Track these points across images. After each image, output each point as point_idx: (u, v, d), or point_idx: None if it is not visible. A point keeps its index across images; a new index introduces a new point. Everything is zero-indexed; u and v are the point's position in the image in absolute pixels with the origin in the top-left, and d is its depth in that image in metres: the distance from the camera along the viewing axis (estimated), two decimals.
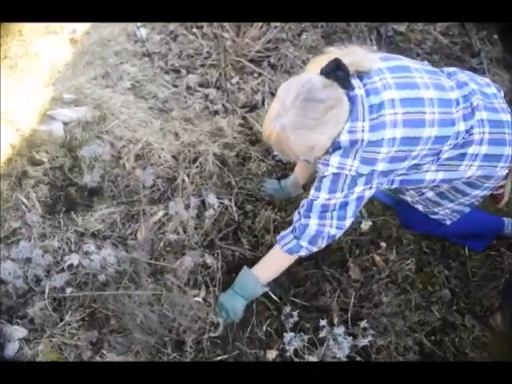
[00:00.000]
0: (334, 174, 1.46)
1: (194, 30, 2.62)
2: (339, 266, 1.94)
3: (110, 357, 1.50)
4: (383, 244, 2.03)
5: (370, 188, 1.52)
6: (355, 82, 1.45)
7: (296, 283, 1.84)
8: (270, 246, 1.90)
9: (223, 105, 2.27)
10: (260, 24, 2.59)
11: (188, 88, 2.37)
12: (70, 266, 1.74)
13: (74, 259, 1.75)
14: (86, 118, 2.07)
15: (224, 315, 1.70)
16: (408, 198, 1.88)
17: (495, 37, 3.02)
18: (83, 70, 2.33)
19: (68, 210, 1.88)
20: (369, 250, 2.00)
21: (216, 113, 2.27)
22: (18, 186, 1.88)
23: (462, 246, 2.08)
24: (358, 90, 1.44)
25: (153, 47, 2.53)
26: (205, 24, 2.62)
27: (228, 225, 1.96)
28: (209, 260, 1.85)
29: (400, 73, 1.50)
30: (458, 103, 1.54)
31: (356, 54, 1.47)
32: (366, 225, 2.05)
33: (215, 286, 1.77)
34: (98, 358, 1.53)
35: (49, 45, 2.45)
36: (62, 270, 1.73)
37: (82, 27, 2.56)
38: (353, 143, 1.41)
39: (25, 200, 1.85)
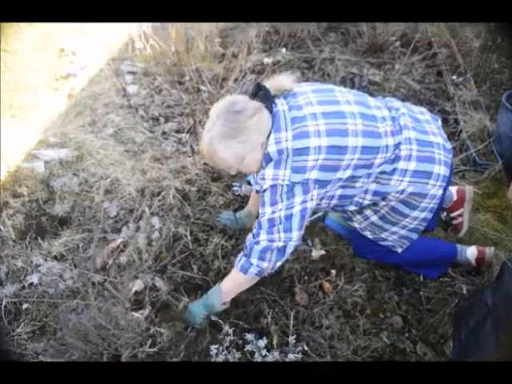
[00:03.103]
0: (271, 186, 1.57)
1: (177, 85, 2.90)
2: (285, 291, 1.99)
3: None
4: (333, 271, 2.07)
5: (312, 199, 1.60)
6: (279, 101, 1.63)
7: (238, 305, 1.90)
8: (219, 272, 2.02)
9: (191, 146, 2.48)
10: (235, 77, 2.84)
11: (163, 133, 2.61)
12: (31, 285, 1.91)
13: (35, 278, 1.93)
14: (66, 158, 2.33)
15: (187, 320, 1.81)
16: (356, 225, 1.95)
17: (471, 82, 3.13)
18: (73, 119, 2.64)
19: (37, 236, 2.08)
20: (318, 277, 2.05)
21: (184, 153, 2.47)
22: None
23: (417, 274, 2.08)
24: (281, 106, 1.61)
25: (138, 100, 2.82)
26: (186, 80, 2.91)
27: (182, 251, 2.09)
28: (158, 283, 1.96)
29: (322, 92, 1.67)
30: (384, 119, 1.67)
31: (277, 78, 1.67)
32: (316, 253, 2.11)
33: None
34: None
35: (49, 98, 2.80)
36: (23, 287, 1.90)
37: (79, 84, 2.91)
38: (280, 152, 1.54)
39: (1, 226, 2.08)
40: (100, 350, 1.69)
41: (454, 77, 3.18)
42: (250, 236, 1.68)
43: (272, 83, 1.65)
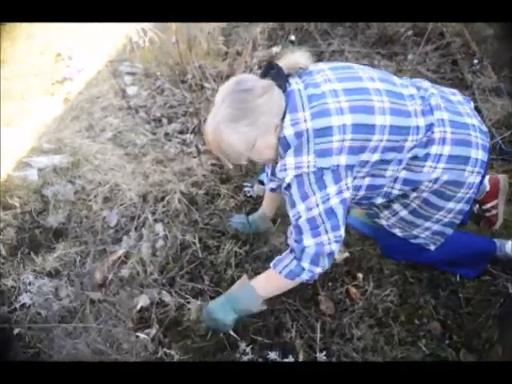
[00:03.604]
0: (295, 176, 1.37)
1: (180, 84, 2.72)
2: (308, 300, 1.78)
3: None
4: (360, 275, 1.86)
5: (347, 189, 1.40)
6: (294, 79, 1.44)
7: (257, 317, 1.69)
8: (232, 281, 1.80)
9: (196, 146, 2.29)
10: (240, 73, 2.66)
11: (166, 134, 2.42)
12: (23, 306, 1.71)
13: (27, 299, 1.72)
14: (60, 164, 2.14)
15: (212, 325, 1.60)
16: (384, 222, 1.75)
17: (489, 69, 2.95)
18: (69, 123, 2.46)
19: (30, 251, 1.88)
20: (343, 283, 1.83)
21: (189, 154, 2.28)
22: None
23: (452, 274, 1.87)
24: (296, 85, 1.42)
25: (139, 101, 2.64)
26: (189, 78, 2.72)
27: (191, 261, 1.88)
28: (166, 298, 1.75)
29: (342, 69, 1.48)
30: (412, 97, 1.48)
31: (290, 56, 1.48)
32: (339, 256, 1.90)
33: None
34: None
35: (45, 103, 2.62)
36: (15, 309, 1.70)
37: (76, 88, 2.74)
38: (298, 136, 1.35)
39: None
40: None
41: (476, 61, 2.99)
42: (290, 241, 1.48)
43: (285, 61, 1.46)
